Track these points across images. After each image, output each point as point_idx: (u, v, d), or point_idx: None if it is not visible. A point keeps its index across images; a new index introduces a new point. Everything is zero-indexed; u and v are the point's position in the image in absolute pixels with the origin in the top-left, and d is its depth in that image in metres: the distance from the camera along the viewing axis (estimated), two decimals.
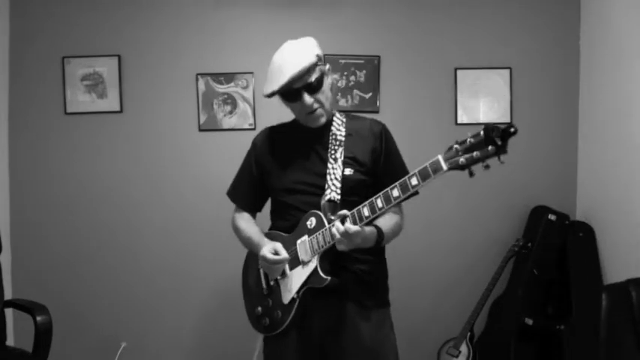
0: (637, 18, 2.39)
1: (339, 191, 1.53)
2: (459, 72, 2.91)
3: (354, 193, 1.55)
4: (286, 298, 1.58)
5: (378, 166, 1.61)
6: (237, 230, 1.80)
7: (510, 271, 2.84)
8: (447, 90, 2.92)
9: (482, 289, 2.72)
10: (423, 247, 2.90)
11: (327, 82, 1.60)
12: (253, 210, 1.84)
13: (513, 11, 2.93)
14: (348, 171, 1.56)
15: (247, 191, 1.79)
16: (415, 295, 2.89)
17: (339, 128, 1.63)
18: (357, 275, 1.58)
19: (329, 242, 1.47)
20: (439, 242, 2.92)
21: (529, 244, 2.70)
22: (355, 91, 2.87)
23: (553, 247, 2.71)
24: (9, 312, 2.40)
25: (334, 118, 1.66)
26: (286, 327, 1.58)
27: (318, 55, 1.55)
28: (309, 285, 1.52)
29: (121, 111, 2.87)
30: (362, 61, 2.86)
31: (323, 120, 1.61)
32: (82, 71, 2.85)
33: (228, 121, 2.89)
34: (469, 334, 2.69)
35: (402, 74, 2.93)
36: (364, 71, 2.87)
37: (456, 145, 1.25)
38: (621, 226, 2.51)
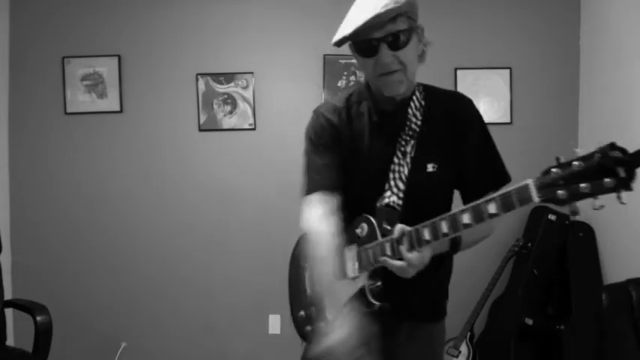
0: (637, 18, 2.39)
1: (401, 195, 1.22)
2: (459, 72, 2.91)
3: (421, 198, 1.23)
4: (330, 314, 1.28)
5: (463, 162, 1.25)
6: (315, 241, 1.26)
7: (510, 271, 2.84)
8: None
9: (482, 289, 2.72)
10: None
11: (416, 44, 1.23)
12: (337, 190, 1.31)
13: (513, 11, 2.93)
14: (420, 170, 1.23)
15: (331, 171, 1.30)
16: None
17: (415, 113, 1.27)
18: (415, 291, 1.26)
19: (379, 262, 1.17)
20: None
21: (529, 244, 2.70)
22: None
23: (553, 247, 2.71)
24: (9, 312, 2.40)
25: (413, 97, 1.29)
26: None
27: (410, 3, 1.15)
28: (356, 303, 1.23)
29: (121, 111, 2.87)
30: None
31: (401, 89, 1.22)
32: (82, 71, 2.85)
33: (228, 121, 2.89)
34: (469, 334, 2.69)
35: None
36: None
37: (555, 170, 0.88)
38: (621, 226, 2.51)
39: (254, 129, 2.89)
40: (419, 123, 1.26)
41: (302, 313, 1.41)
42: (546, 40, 2.93)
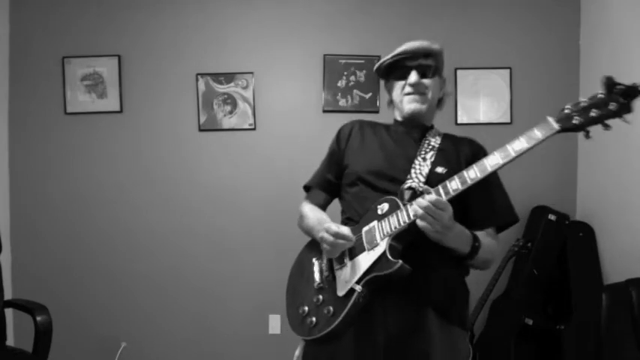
0: (637, 18, 2.39)
1: (422, 183, 1.32)
2: (459, 72, 2.91)
3: None
4: (342, 290, 1.28)
5: (470, 193, 1.25)
6: (302, 217, 1.54)
7: (510, 271, 2.84)
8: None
9: (482, 289, 2.72)
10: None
11: (438, 85, 1.47)
12: (330, 192, 1.59)
13: (513, 11, 2.93)
14: (440, 169, 1.36)
15: (327, 177, 1.57)
16: None
17: (433, 138, 1.46)
18: (441, 278, 1.31)
19: (404, 222, 1.23)
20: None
21: (529, 244, 2.70)
22: (355, 91, 2.87)
23: (553, 247, 2.71)
24: (9, 312, 2.40)
25: (430, 130, 1.49)
26: (335, 328, 1.24)
27: (441, 55, 1.46)
28: (375, 273, 1.23)
29: (121, 111, 2.87)
30: (362, 61, 2.86)
31: (421, 110, 1.43)
32: (82, 71, 2.85)
33: (228, 121, 2.89)
34: (469, 334, 2.69)
35: None
36: (364, 71, 2.87)
37: (568, 107, 1.17)
38: (621, 226, 2.51)
39: (254, 129, 2.89)
40: (438, 142, 1.45)
41: (305, 307, 1.38)
42: (546, 40, 2.93)
